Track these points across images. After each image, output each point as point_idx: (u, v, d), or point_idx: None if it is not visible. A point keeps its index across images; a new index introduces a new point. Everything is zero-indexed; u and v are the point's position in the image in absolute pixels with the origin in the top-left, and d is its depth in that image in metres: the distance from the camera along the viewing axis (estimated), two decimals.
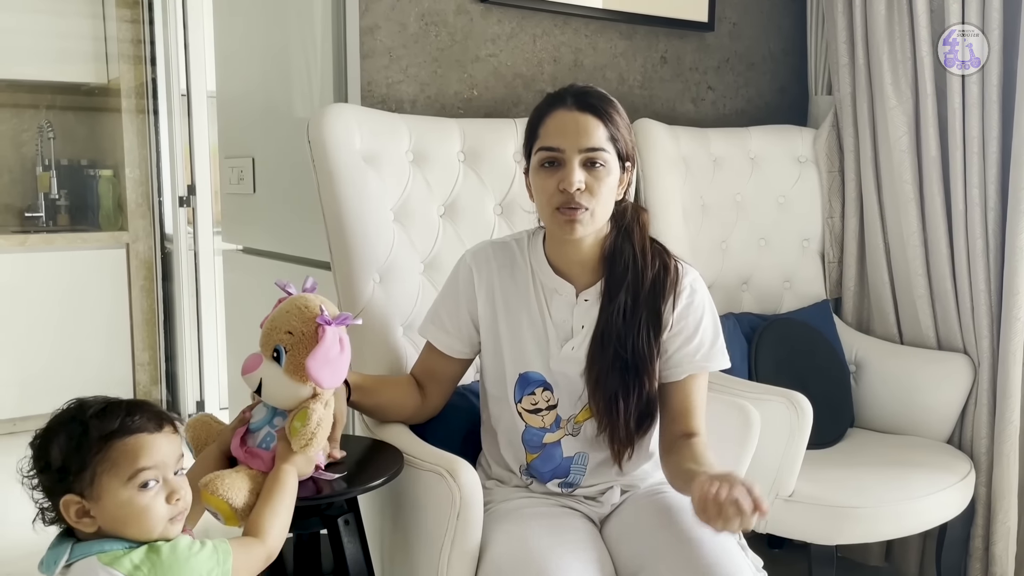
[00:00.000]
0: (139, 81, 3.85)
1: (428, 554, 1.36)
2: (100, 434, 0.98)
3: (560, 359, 1.41)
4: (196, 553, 1.00)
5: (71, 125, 4.09)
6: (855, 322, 2.42)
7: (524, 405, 1.44)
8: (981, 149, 2.08)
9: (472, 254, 1.50)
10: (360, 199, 1.66)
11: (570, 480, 1.46)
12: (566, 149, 1.32)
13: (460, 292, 1.48)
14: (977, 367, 2.14)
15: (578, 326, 1.41)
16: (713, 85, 2.46)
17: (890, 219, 2.28)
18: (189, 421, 1.34)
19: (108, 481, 0.98)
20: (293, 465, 1.20)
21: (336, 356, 1.23)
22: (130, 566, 0.97)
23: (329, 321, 1.22)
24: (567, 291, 1.42)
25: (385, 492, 1.51)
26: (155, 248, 3.90)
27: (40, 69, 3.81)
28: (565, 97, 1.35)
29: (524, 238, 1.49)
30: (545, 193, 1.34)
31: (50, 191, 4.01)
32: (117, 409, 1.00)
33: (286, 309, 1.25)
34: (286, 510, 1.16)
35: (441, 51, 1.99)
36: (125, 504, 0.98)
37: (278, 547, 1.13)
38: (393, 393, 1.53)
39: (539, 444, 1.45)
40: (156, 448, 1.00)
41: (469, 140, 1.88)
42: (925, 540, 2.25)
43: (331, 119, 1.66)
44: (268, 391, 1.24)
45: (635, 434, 1.39)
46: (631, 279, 1.38)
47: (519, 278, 1.45)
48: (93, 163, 4.08)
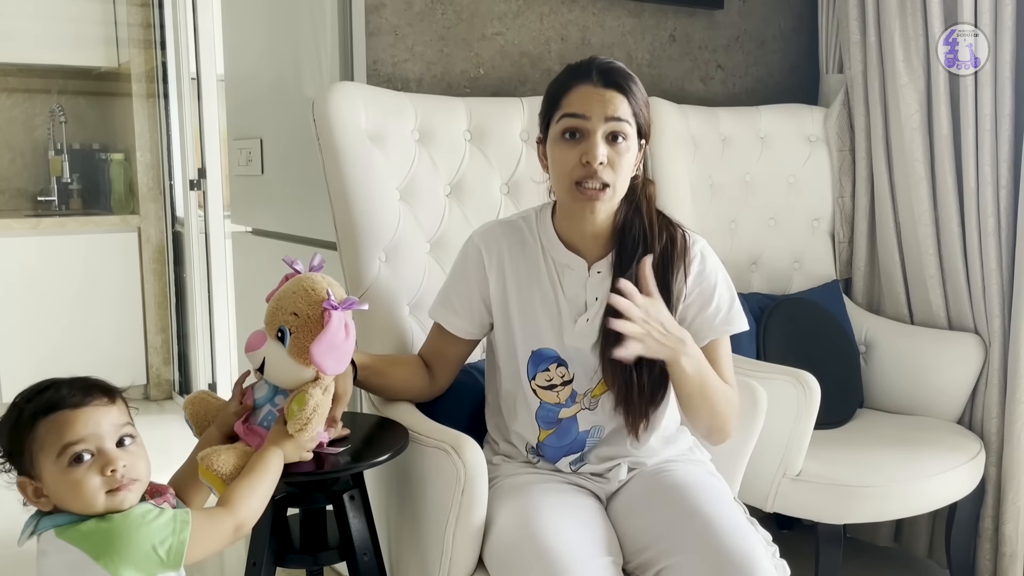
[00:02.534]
0: (149, 65, 3.85)
1: (434, 530, 1.37)
2: (28, 414, 1.01)
3: (574, 333, 1.41)
4: (150, 521, 1.01)
5: (83, 109, 4.10)
6: (865, 302, 2.40)
7: (538, 382, 1.44)
8: (993, 127, 2.06)
9: (480, 234, 1.49)
10: (365, 178, 1.66)
11: (585, 451, 1.45)
12: (592, 117, 1.31)
13: (470, 273, 1.48)
14: (988, 347, 2.12)
15: (592, 299, 1.41)
16: (723, 64, 2.44)
17: (901, 198, 2.26)
18: (187, 398, 1.35)
19: (42, 460, 1.00)
20: (281, 448, 1.20)
21: (341, 342, 1.23)
22: (78, 535, 0.99)
23: (336, 306, 1.22)
24: (579, 265, 1.42)
25: (391, 468, 1.51)
26: (166, 231, 3.92)
27: (51, 54, 3.82)
28: (590, 71, 1.34)
29: (531, 215, 1.49)
30: (565, 165, 1.33)
31: (62, 175, 4.03)
32: (46, 389, 1.03)
33: (292, 289, 1.25)
34: (264, 488, 1.16)
35: (447, 29, 1.98)
36: (60, 481, 1.00)
37: (250, 521, 1.13)
38: (401, 373, 1.53)
39: (554, 420, 1.45)
40: (82, 421, 1.01)
41: (475, 119, 1.87)
42: (935, 520, 2.24)
43: (336, 98, 1.65)
44: (271, 370, 1.25)
45: (650, 405, 1.39)
46: (642, 251, 1.37)
47: (529, 255, 1.45)
48: (105, 147, 4.09)
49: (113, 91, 4.01)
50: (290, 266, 1.30)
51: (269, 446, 1.21)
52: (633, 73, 1.37)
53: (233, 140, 2.59)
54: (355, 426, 1.42)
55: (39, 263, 3.65)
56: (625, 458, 1.45)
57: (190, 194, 3.71)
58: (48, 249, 3.68)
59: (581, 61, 1.38)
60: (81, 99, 4.10)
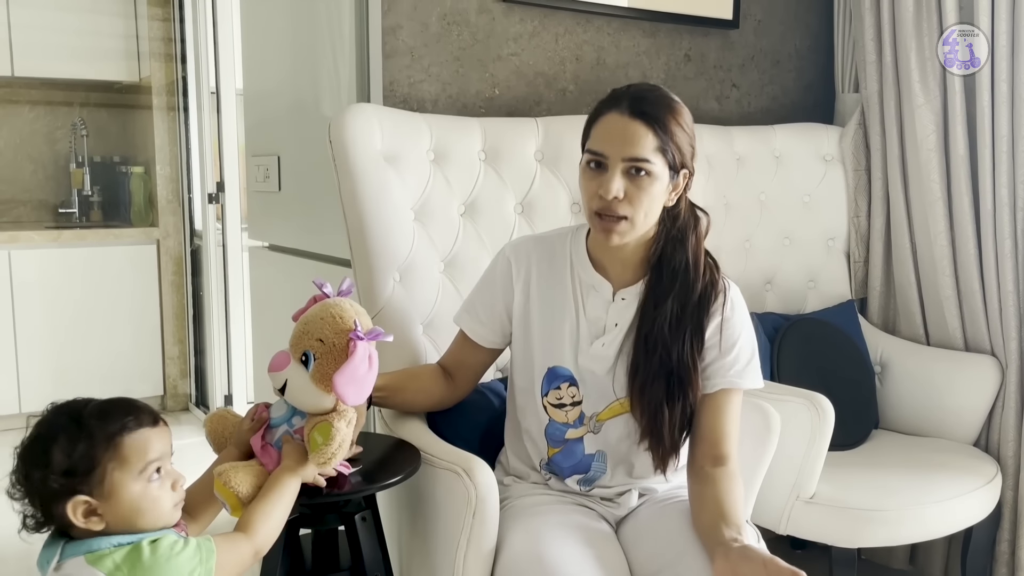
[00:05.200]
0: (170, 79, 3.90)
1: (445, 552, 1.37)
2: (107, 433, 1.01)
3: (589, 355, 1.41)
4: (178, 553, 1.02)
5: (104, 122, 4.15)
6: (881, 322, 2.39)
7: (550, 399, 1.44)
8: (1010, 148, 2.05)
9: (512, 247, 1.50)
10: (380, 198, 1.67)
11: (591, 476, 1.46)
12: (609, 156, 1.31)
13: (497, 284, 1.49)
14: (1005, 369, 2.11)
15: (611, 323, 1.41)
16: (738, 83, 2.45)
17: (917, 218, 2.25)
18: (207, 416, 1.36)
19: (120, 477, 1.01)
20: (296, 471, 1.21)
21: (364, 374, 1.22)
22: (111, 566, 0.99)
23: (362, 337, 1.22)
24: (604, 288, 1.42)
25: (403, 490, 1.52)
26: (185, 244, 3.96)
27: (73, 67, 3.87)
28: (623, 99, 1.32)
29: (568, 232, 1.49)
30: (587, 193, 1.35)
31: (83, 187, 4.08)
32: (116, 409, 1.04)
33: (320, 315, 1.25)
34: (280, 512, 1.17)
35: (463, 50, 2.00)
36: (139, 497, 1.02)
37: (266, 546, 1.14)
38: (417, 386, 1.55)
39: (561, 439, 1.45)
40: (158, 441, 1.05)
41: (490, 139, 1.88)
42: (950, 544, 2.22)
43: (352, 119, 1.67)
44: (292, 393, 1.25)
45: (679, 443, 1.39)
46: (680, 287, 1.36)
47: (556, 271, 1.45)
48: (125, 160, 4.14)
49: (134, 104, 4.06)
50: (319, 288, 1.30)
51: (286, 468, 1.22)
52: (676, 102, 1.34)
53: (251, 156, 2.62)
54: (368, 447, 1.43)
55: (59, 275, 3.69)
56: (637, 483, 1.45)
57: (208, 207, 3.74)
58: (68, 261, 3.72)
59: (624, 86, 1.37)
60: (103, 112, 4.15)
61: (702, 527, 1.29)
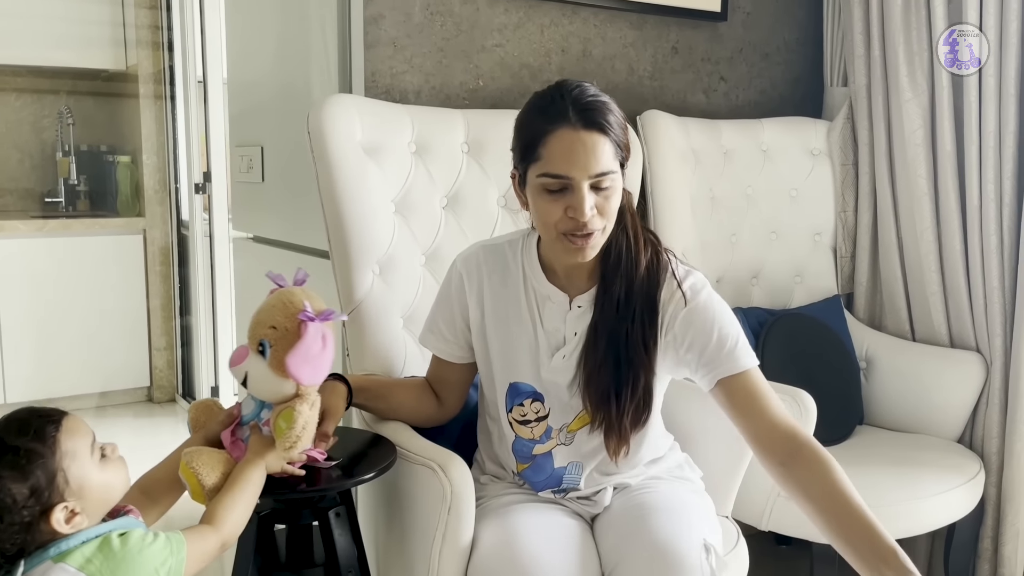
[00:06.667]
0: (157, 67, 3.87)
1: (421, 548, 1.36)
2: (43, 441, 0.99)
3: (551, 368, 1.37)
4: (149, 545, 1.02)
5: (90, 111, 4.12)
6: (867, 318, 2.38)
7: (514, 415, 1.41)
8: (997, 144, 2.04)
9: (463, 259, 1.45)
10: (359, 191, 1.65)
11: (564, 487, 1.43)
12: (575, 177, 1.22)
13: (453, 299, 1.44)
14: (989, 365, 2.10)
15: (570, 333, 1.36)
16: (726, 76, 2.43)
17: (903, 214, 2.24)
18: (192, 404, 1.36)
19: (79, 468, 1.00)
20: (263, 460, 1.21)
21: (317, 353, 1.22)
22: (81, 559, 0.98)
23: (312, 317, 1.22)
24: (560, 299, 1.37)
25: (380, 486, 1.51)
26: (171, 234, 3.94)
27: (60, 55, 3.85)
28: (567, 113, 1.22)
29: (518, 240, 1.42)
30: (550, 217, 1.25)
31: (69, 176, 4.05)
32: (27, 419, 1.01)
33: (272, 303, 1.25)
34: (246, 502, 1.16)
35: (446, 41, 1.97)
36: (103, 475, 1.02)
37: (234, 536, 1.14)
38: (404, 397, 1.52)
39: (529, 455, 1.42)
40: (82, 424, 1.04)
41: (473, 131, 1.86)
42: (933, 540, 2.22)
43: (331, 110, 1.65)
44: (253, 385, 1.25)
45: (631, 430, 1.35)
46: (624, 267, 1.32)
47: (510, 284, 1.40)
48: (112, 149, 4.11)
49: (121, 93, 4.04)
50: (274, 281, 1.30)
51: (251, 458, 1.21)
52: (608, 99, 1.26)
53: (235, 146, 2.59)
54: (345, 442, 1.41)
55: (45, 264, 3.67)
56: (611, 479, 1.43)
57: (195, 198, 3.72)
58: (54, 251, 3.70)
59: (550, 94, 1.26)
60: (89, 101, 4.12)
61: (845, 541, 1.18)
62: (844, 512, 1.19)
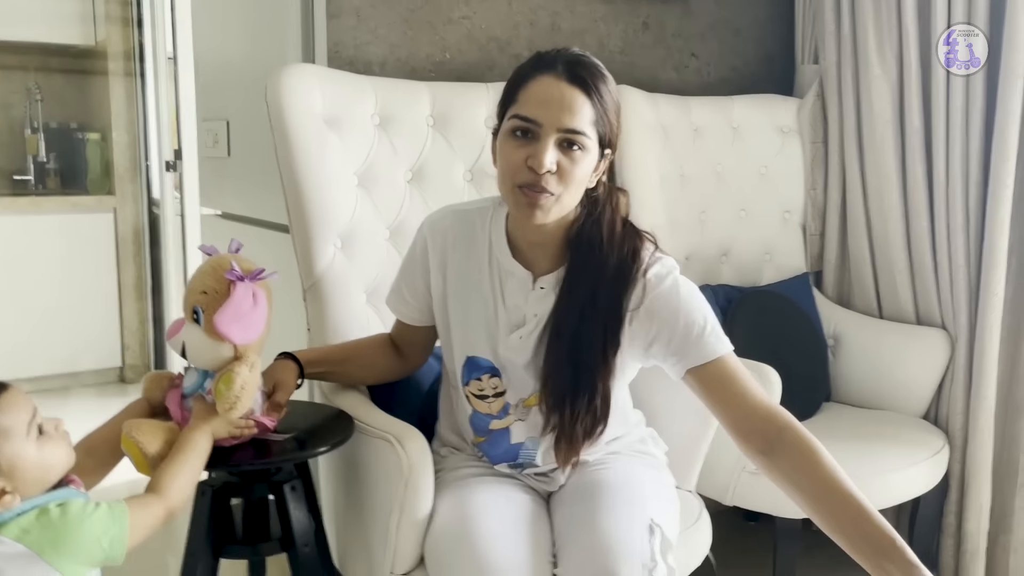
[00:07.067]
0: (127, 44, 3.81)
1: (379, 522, 1.35)
2: None
3: (508, 346, 1.33)
4: (90, 515, 1.00)
5: (59, 87, 4.05)
6: (835, 295, 2.39)
7: (471, 389, 1.38)
8: (964, 122, 2.04)
9: (429, 224, 1.40)
10: (319, 163, 1.63)
11: (520, 463, 1.41)
12: (544, 124, 1.18)
13: (416, 264, 1.40)
14: (954, 342, 2.11)
15: (531, 314, 1.31)
16: (697, 52, 2.41)
17: (872, 192, 2.24)
18: (146, 375, 1.34)
19: (13, 448, 0.98)
20: (208, 425, 1.19)
21: (248, 311, 1.21)
22: (18, 531, 0.96)
23: (240, 276, 1.21)
24: (523, 276, 1.32)
25: (338, 459, 1.50)
26: (143, 212, 3.89)
27: (28, 30, 3.77)
28: (556, 63, 1.20)
29: (488, 209, 1.37)
30: (511, 165, 1.20)
31: (38, 154, 3.98)
32: None
33: (202, 270, 1.24)
34: (191, 469, 1.15)
35: (412, 12, 1.95)
36: (38, 456, 0.99)
37: (179, 504, 1.12)
38: (362, 360, 1.50)
39: (486, 429, 1.40)
40: (22, 399, 1.01)
41: (439, 104, 1.84)
42: (898, 515, 2.23)
43: (289, 80, 1.62)
44: (192, 354, 1.24)
45: (582, 440, 1.30)
46: (594, 266, 1.26)
47: (474, 254, 1.35)
48: (82, 126, 4.05)
49: (90, 69, 3.97)
50: (206, 254, 1.28)
51: (195, 424, 1.20)
52: (607, 73, 1.23)
53: (202, 121, 2.56)
54: (303, 416, 1.40)
55: (14, 243, 3.61)
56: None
57: (166, 175, 3.67)
58: (24, 229, 3.64)
59: (551, 50, 1.24)
60: (58, 77, 4.05)
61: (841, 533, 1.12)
62: (835, 502, 1.13)
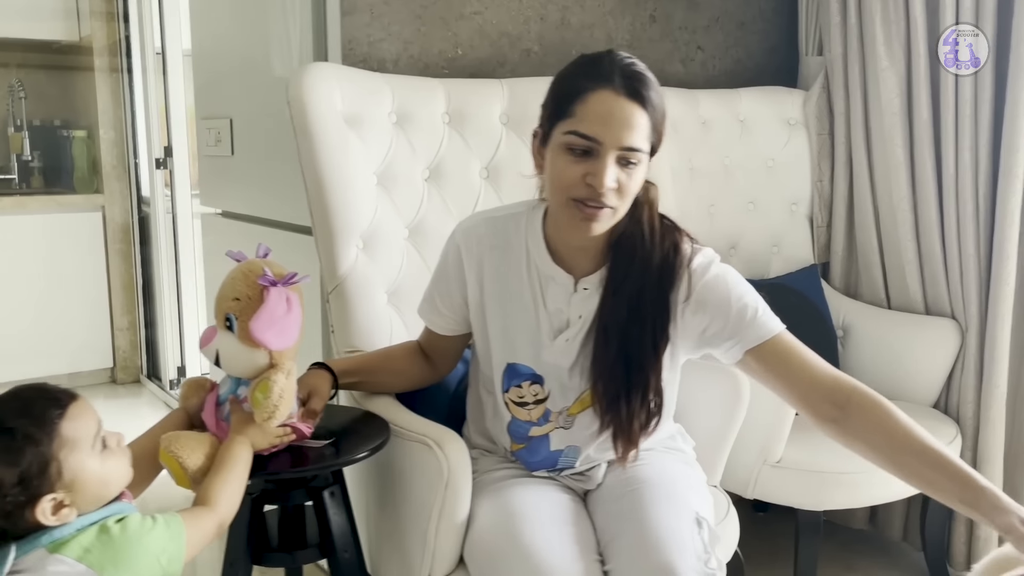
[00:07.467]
0: (112, 39, 3.73)
1: (416, 525, 1.34)
2: (43, 427, 0.94)
3: (553, 351, 1.31)
4: (148, 531, 0.98)
5: (43, 84, 3.97)
6: (843, 286, 2.40)
7: (511, 396, 1.36)
8: (973, 112, 2.05)
9: (463, 232, 1.37)
10: (342, 163, 1.61)
11: (558, 468, 1.41)
12: (605, 142, 1.15)
13: (451, 274, 1.37)
14: (964, 331, 2.13)
15: (575, 316, 1.30)
16: (703, 45, 2.41)
17: (880, 183, 2.26)
18: (184, 381, 1.32)
19: (77, 460, 0.95)
20: (247, 436, 1.18)
21: (282, 316, 1.20)
22: (79, 550, 0.94)
23: (273, 281, 1.19)
24: (565, 280, 1.30)
25: (370, 463, 1.48)
26: (132, 211, 3.83)
27: (9, 26, 3.68)
28: (612, 75, 1.16)
29: (522, 214, 1.34)
30: (566, 180, 1.18)
31: (22, 152, 3.91)
32: (34, 399, 0.96)
33: (232, 276, 1.23)
34: (238, 480, 1.14)
35: (424, 8, 1.92)
36: (100, 471, 0.97)
37: (229, 517, 1.11)
38: (392, 368, 1.48)
39: (525, 436, 1.39)
40: (89, 410, 0.99)
41: (454, 101, 1.83)
42: (909, 503, 2.26)
43: (311, 79, 1.60)
44: (226, 362, 1.22)
45: (641, 435, 1.31)
46: (638, 265, 1.25)
47: (512, 261, 1.33)
48: (66, 124, 3.97)
49: (74, 65, 3.89)
50: (234, 259, 1.26)
51: (235, 436, 1.18)
52: (654, 78, 1.20)
53: (201, 119, 2.52)
54: (335, 419, 1.38)
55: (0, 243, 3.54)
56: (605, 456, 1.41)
57: (156, 173, 3.62)
58: (9, 229, 3.57)
59: (599, 56, 1.20)
60: (41, 74, 3.97)
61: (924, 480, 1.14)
62: (914, 452, 1.15)
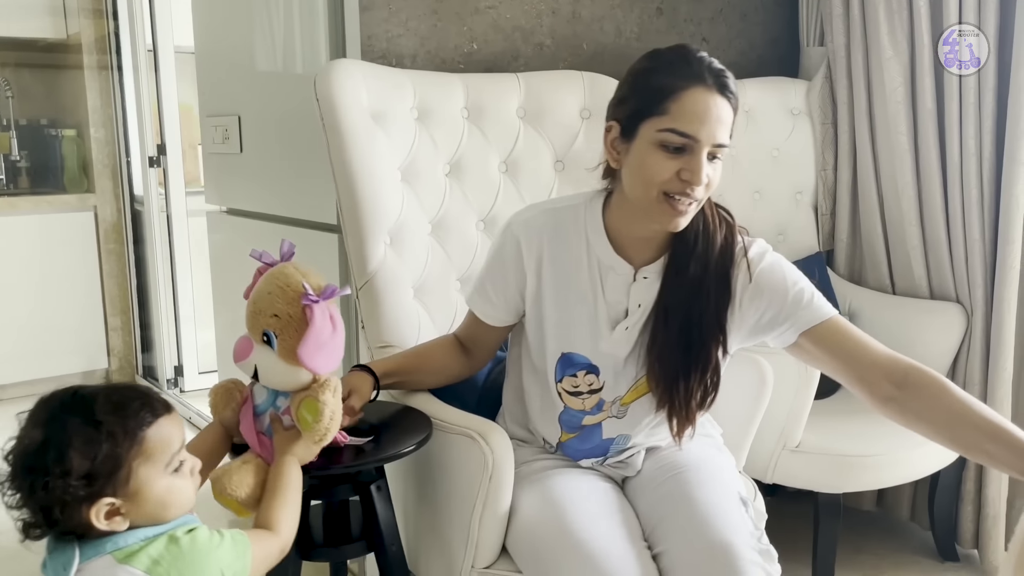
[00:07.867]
0: (101, 35, 3.68)
1: (459, 517, 1.35)
2: (129, 430, 0.93)
3: (612, 341, 1.33)
4: (217, 546, 0.98)
5: (29, 83, 3.92)
6: (847, 273, 2.44)
7: (564, 386, 1.37)
8: (977, 100, 2.09)
9: (522, 224, 1.36)
10: (370, 159, 1.61)
11: (607, 455, 1.43)
12: (701, 139, 1.18)
13: (507, 265, 1.36)
14: (970, 315, 2.17)
15: (634, 305, 1.32)
16: (707, 37, 2.43)
17: (884, 170, 2.29)
18: (212, 389, 1.29)
19: (147, 473, 0.94)
20: (294, 455, 1.17)
21: (328, 337, 1.16)
22: (148, 561, 0.92)
23: (316, 299, 1.15)
24: (625, 269, 1.32)
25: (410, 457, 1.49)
26: (124, 210, 3.79)
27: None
28: (703, 73, 1.20)
29: (580, 205, 1.35)
30: (660, 175, 1.19)
31: (10, 153, 3.85)
32: (130, 401, 0.95)
33: (268, 290, 1.17)
34: (295, 502, 1.14)
35: (440, 3, 1.93)
36: (165, 491, 0.96)
37: (291, 539, 1.11)
38: (431, 366, 1.49)
39: (577, 425, 1.40)
40: (177, 430, 0.98)
41: (472, 96, 1.83)
42: (917, 484, 2.30)
43: (339, 75, 1.60)
44: (265, 376, 1.19)
45: (697, 412, 1.33)
46: (701, 247, 1.28)
47: (572, 251, 1.33)
48: (55, 123, 3.92)
49: (62, 63, 3.83)
50: (259, 260, 1.21)
51: (282, 457, 1.17)
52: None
53: (207, 116, 2.50)
54: (374, 414, 1.39)
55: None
56: (643, 444, 1.44)
57: (149, 171, 3.58)
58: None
59: (683, 53, 1.24)
60: (27, 72, 3.91)
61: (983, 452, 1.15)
62: (973, 424, 1.16)
